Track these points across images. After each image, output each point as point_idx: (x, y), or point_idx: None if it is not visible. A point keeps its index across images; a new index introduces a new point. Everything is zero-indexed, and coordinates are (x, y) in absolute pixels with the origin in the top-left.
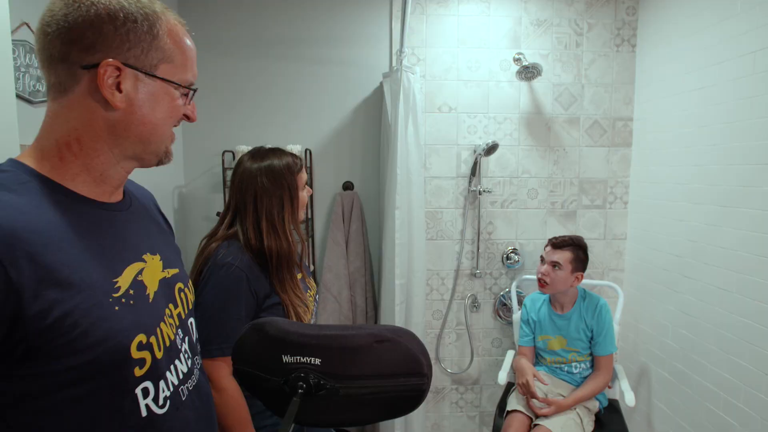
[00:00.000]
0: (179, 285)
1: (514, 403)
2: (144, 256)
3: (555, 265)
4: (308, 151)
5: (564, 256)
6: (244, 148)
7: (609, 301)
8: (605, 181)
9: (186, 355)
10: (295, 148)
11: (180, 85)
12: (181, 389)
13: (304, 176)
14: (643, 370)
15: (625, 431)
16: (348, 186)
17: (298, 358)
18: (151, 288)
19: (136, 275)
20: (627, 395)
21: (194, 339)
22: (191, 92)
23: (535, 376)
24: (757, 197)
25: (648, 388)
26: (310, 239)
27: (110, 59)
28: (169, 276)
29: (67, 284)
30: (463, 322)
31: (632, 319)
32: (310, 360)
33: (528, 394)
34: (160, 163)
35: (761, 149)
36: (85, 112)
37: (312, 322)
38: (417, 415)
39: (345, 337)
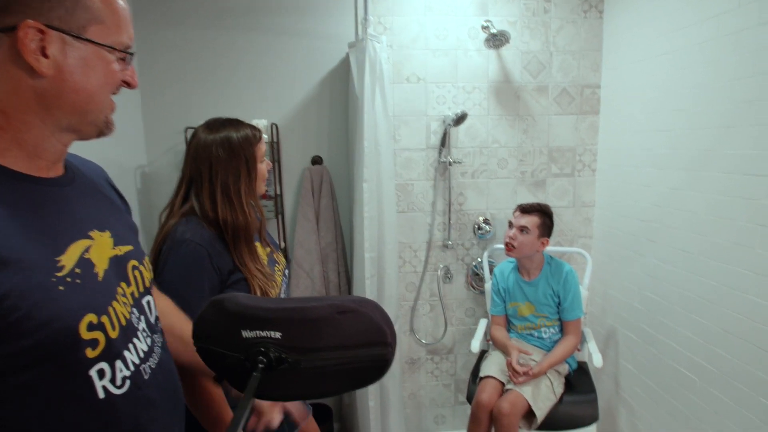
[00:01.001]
0: (133, 262)
1: (486, 369)
2: (91, 233)
3: (523, 229)
4: (274, 126)
5: (532, 220)
6: None
7: (578, 267)
8: (574, 149)
9: (144, 333)
10: (261, 123)
11: (114, 49)
12: (143, 368)
13: (262, 148)
14: (611, 333)
15: (593, 391)
16: (317, 160)
17: (258, 332)
18: (100, 266)
19: (83, 253)
20: (595, 357)
21: (152, 318)
22: (129, 56)
23: (520, 351)
24: (719, 160)
25: (615, 350)
26: (280, 216)
27: (30, 20)
28: (121, 253)
29: (2, 265)
30: (437, 293)
31: (600, 284)
32: (270, 334)
33: (513, 372)
34: (101, 134)
35: (724, 113)
36: (8, 81)
37: (282, 297)
38: (393, 386)
39: (305, 309)
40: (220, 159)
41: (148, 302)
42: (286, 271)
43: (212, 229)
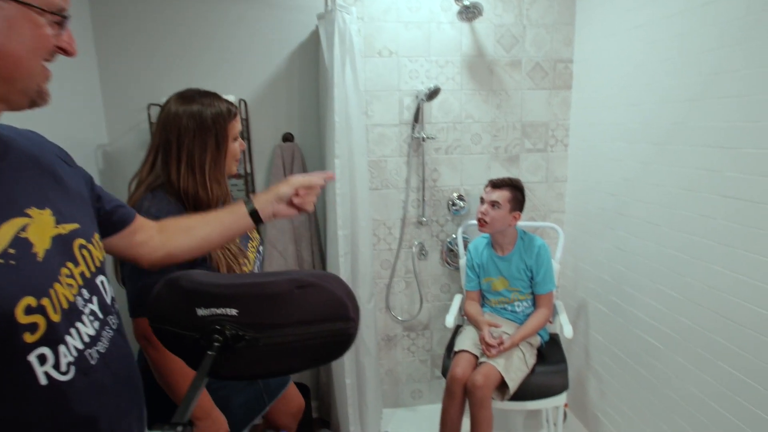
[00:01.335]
0: (80, 241)
1: (460, 343)
2: (28, 211)
3: (494, 204)
4: (243, 102)
5: (503, 195)
6: None
7: (550, 241)
8: (547, 125)
9: (92, 317)
10: (229, 99)
11: (44, 10)
12: (88, 353)
13: (237, 126)
14: (582, 305)
15: (564, 362)
16: (288, 137)
17: (213, 310)
18: (40, 246)
19: (18, 232)
20: (566, 328)
21: (107, 299)
22: (63, 20)
23: (489, 325)
24: (687, 134)
25: (586, 321)
26: (251, 195)
27: None
28: (66, 232)
29: None
30: (412, 270)
31: (572, 257)
32: (226, 311)
33: (486, 346)
34: (33, 105)
35: (692, 86)
36: None
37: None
38: (369, 363)
39: (263, 285)
40: (189, 129)
41: (102, 282)
42: (261, 248)
43: (179, 201)
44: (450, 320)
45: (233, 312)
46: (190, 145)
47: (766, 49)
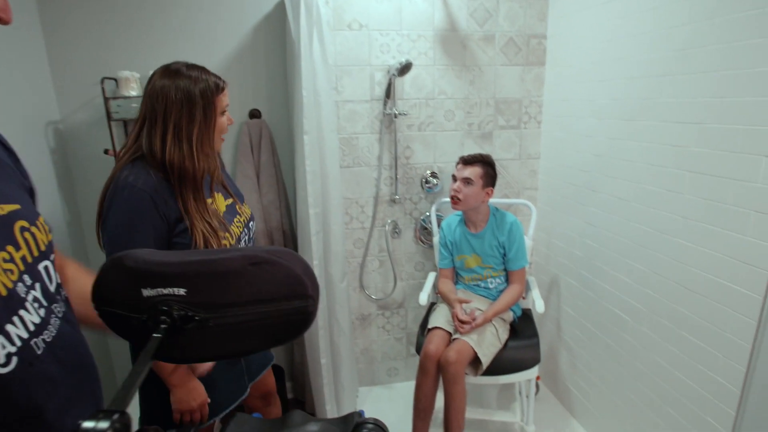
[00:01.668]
0: (21, 223)
1: (434, 320)
2: None
3: (467, 181)
4: None
5: (475, 171)
6: (128, 75)
7: (523, 218)
8: (520, 101)
9: (36, 305)
10: None
11: None
12: (34, 342)
13: (224, 100)
14: (554, 280)
15: (536, 336)
16: (255, 114)
17: (160, 290)
18: None
19: None
20: (537, 303)
21: (51, 286)
22: None
23: (461, 302)
24: (655, 109)
25: (558, 296)
26: None
27: None
28: (4, 213)
29: None
30: (385, 249)
31: (545, 233)
32: (174, 291)
33: (459, 323)
34: None
35: (661, 61)
36: None
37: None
38: (344, 343)
39: (213, 262)
40: (176, 102)
41: (46, 267)
42: (251, 224)
43: (159, 173)
44: (423, 298)
45: (181, 291)
46: (177, 117)
47: (734, 24)
